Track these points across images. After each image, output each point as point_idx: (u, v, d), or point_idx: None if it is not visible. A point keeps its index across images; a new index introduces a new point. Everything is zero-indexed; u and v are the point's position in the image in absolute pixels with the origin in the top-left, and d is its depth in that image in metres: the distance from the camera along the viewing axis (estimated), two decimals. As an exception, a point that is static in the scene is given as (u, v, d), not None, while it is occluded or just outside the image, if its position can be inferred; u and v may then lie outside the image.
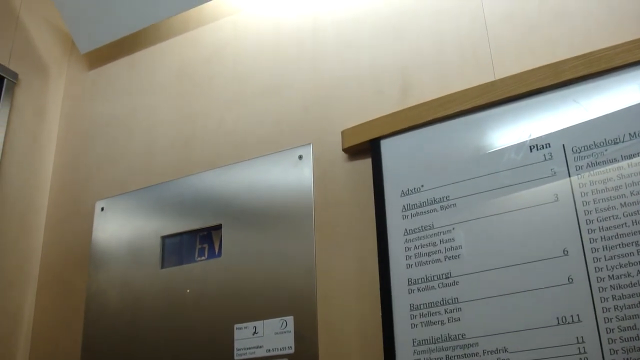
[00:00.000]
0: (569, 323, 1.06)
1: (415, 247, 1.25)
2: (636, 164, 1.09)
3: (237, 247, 1.46)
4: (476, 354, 1.12)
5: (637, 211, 1.07)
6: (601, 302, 1.05)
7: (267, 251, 1.42)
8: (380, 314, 1.23)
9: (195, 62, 1.76)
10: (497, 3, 1.37)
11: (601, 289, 1.06)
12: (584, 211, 1.11)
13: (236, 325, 1.39)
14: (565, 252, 1.10)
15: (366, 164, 1.38)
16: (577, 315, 1.06)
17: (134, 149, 1.75)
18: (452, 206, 1.24)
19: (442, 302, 1.19)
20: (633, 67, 1.15)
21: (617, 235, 1.07)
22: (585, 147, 1.14)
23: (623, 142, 1.12)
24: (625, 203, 1.08)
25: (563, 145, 1.17)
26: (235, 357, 1.37)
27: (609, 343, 1.02)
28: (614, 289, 1.05)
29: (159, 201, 1.62)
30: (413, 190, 1.29)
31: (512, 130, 1.23)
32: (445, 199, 1.25)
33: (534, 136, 1.20)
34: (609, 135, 1.13)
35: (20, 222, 1.74)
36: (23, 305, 1.69)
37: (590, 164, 1.13)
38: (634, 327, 1.01)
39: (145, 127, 1.76)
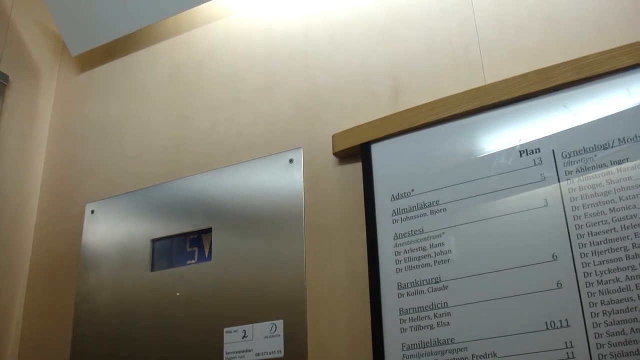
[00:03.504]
0: (557, 328, 1.06)
1: (405, 252, 1.25)
2: (625, 169, 1.09)
3: (227, 250, 1.46)
4: (465, 359, 1.12)
5: (626, 216, 1.07)
6: (590, 307, 1.05)
7: (257, 255, 1.42)
8: (370, 318, 1.23)
9: (187, 65, 1.76)
10: (488, 7, 1.38)
11: (590, 294, 1.06)
12: (573, 216, 1.11)
13: (226, 329, 1.39)
14: (555, 257, 1.10)
15: (357, 168, 1.38)
16: (566, 320, 1.06)
17: (125, 152, 1.74)
18: (442, 211, 1.24)
19: (431, 307, 1.19)
20: (623, 72, 1.15)
21: (606, 240, 1.07)
22: (575, 152, 1.15)
23: (612, 147, 1.12)
24: (614, 208, 1.08)
25: (553, 150, 1.17)
26: (225, 361, 1.37)
27: (597, 348, 1.02)
28: (602, 294, 1.05)
29: (149, 204, 1.62)
30: (403, 195, 1.29)
31: (502, 135, 1.23)
32: (435, 203, 1.25)
33: (523, 141, 1.20)
34: (599, 141, 1.13)
35: (10, 224, 1.73)
36: (12, 306, 1.68)
37: (579, 169, 1.13)
38: (622, 332, 1.01)
39: (136, 130, 1.75)
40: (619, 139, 1.12)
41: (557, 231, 1.12)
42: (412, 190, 1.28)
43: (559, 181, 1.14)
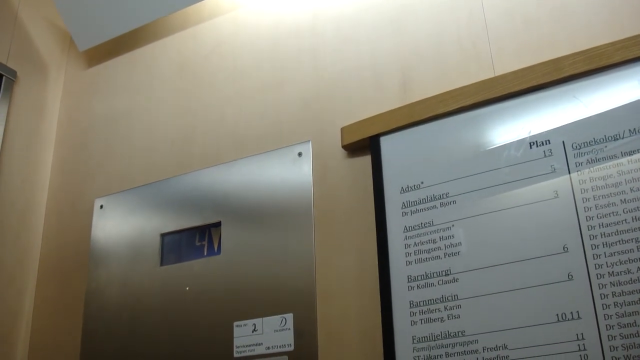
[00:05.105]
0: (568, 320, 1.06)
1: (415, 244, 1.24)
2: (636, 160, 1.09)
3: (237, 244, 1.46)
4: (476, 351, 1.12)
5: (637, 207, 1.06)
6: (601, 298, 1.05)
7: (266, 248, 1.42)
8: (380, 311, 1.23)
9: (195, 58, 1.75)
10: (497, -1, 1.37)
11: (601, 286, 1.05)
12: (584, 208, 1.11)
13: (235, 323, 1.39)
14: (565, 249, 1.10)
15: (366, 160, 1.38)
16: (577, 312, 1.06)
17: (133, 146, 1.75)
18: (452, 203, 1.23)
19: (441, 299, 1.18)
20: (633, 63, 1.14)
21: (617, 231, 1.07)
22: (585, 144, 1.14)
23: (623, 138, 1.11)
24: (625, 199, 1.08)
25: (563, 141, 1.17)
26: (235, 355, 1.37)
27: (608, 340, 1.02)
28: (614, 285, 1.04)
29: (158, 198, 1.62)
30: (413, 187, 1.29)
31: (512, 126, 1.23)
32: (445, 195, 1.25)
33: (533, 133, 1.20)
34: (609, 132, 1.13)
35: (19, 220, 1.74)
36: (22, 302, 1.69)
37: (590, 160, 1.13)
38: (634, 324, 1.01)
39: (145, 124, 1.76)
40: (629, 130, 1.11)
41: (567, 223, 1.11)
42: (422, 183, 1.28)
43: (569, 173, 1.14)
